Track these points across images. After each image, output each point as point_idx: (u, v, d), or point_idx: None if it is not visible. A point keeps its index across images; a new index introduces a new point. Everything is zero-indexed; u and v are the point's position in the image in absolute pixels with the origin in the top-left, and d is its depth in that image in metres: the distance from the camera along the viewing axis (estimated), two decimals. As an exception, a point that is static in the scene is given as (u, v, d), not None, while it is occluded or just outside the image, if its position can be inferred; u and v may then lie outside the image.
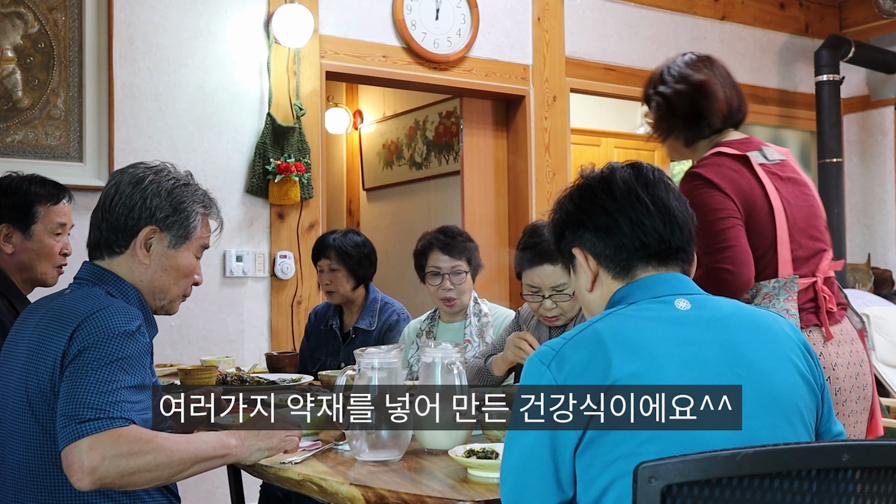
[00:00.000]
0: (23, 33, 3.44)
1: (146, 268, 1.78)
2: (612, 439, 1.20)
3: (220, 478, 3.41)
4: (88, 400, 1.53)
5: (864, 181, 6.00)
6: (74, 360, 1.57)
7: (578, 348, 1.25)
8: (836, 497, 1.11)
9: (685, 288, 1.35)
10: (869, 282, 5.75)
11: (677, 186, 1.46)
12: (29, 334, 1.69)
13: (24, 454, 1.63)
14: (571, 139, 4.97)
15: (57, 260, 2.43)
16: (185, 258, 1.82)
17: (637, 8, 5.12)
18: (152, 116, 3.68)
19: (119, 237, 1.76)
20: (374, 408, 1.71)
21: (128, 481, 1.53)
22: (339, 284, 3.24)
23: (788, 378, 1.28)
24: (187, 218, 1.79)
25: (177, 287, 1.83)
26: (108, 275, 1.77)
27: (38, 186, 2.42)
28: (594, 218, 1.40)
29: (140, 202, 1.75)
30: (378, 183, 6.37)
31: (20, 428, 1.64)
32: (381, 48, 4.25)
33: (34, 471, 1.61)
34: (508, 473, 1.29)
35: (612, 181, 1.40)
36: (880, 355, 4.09)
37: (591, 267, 1.41)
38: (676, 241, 1.37)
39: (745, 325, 1.30)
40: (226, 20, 3.85)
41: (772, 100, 5.72)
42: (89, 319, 1.61)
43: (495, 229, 4.77)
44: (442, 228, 2.97)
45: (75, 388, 1.54)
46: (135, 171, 1.80)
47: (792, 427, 1.26)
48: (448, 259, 2.89)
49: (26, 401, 1.63)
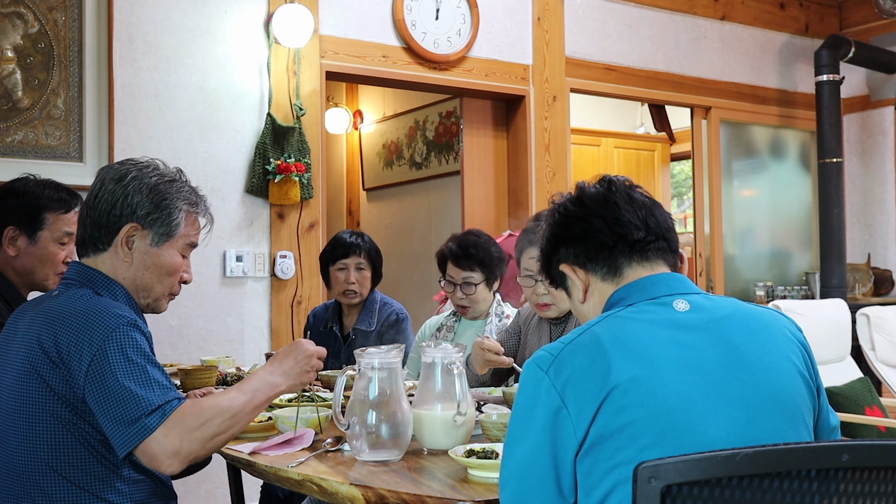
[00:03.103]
0: (23, 33, 3.44)
1: (128, 265, 1.75)
2: (612, 445, 1.18)
3: (220, 478, 3.41)
4: (138, 397, 1.55)
5: (864, 181, 6.00)
6: (94, 368, 1.57)
7: (577, 353, 1.24)
8: (836, 497, 1.11)
9: (683, 287, 1.35)
10: (869, 282, 5.75)
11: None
12: (20, 337, 1.68)
13: (18, 457, 1.62)
14: (571, 139, 4.97)
15: (59, 268, 2.41)
16: (169, 256, 1.78)
17: (637, 8, 5.12)
18: (152, 116, 3.68)
19: (102, 234, 1.74)
20: (374, 408, 1.71)
21: (210, 447, 1.60)
22: (365, 284, 3.26)
23: (789, 378, 1.27)
24: (170, 215, 1.76)
25: (160, 285, 1.79)
26: (95, 273, 1.75)
27: (50, 191, 2.39)
28: (570, 229, 1.42)
29: (122, 199, 1.73)
30: (378, 183, 6.37)
31: (15, 431, 1.63)
32: (381, 48, 4.25)
33: (30, 474, 1.61)
34: (508, 480, 1.27)
35: (583, 195, 1.43)
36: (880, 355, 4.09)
37: (580, 278, 1.42)
38: (654, 229, 1.38)
39: (745, 326, 1.29)
40: (226, 20, 3.85)
41: (772, 100, 5.72)
42: (83, 321, 1.61)
43: (495, 229, 4.76)
44: (461, 238, 2.99)
45: (115, 392, 1.55)
46: (119, 167, 1.78)
47: (794, 428, 1.25)
48: (459, 271, 2.93)
49: (20, 405, 1.62)
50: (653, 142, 7.27)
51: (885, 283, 5.79)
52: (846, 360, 4.04)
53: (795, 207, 5.93)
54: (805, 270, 5.90)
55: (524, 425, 1.26)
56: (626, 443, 1.17)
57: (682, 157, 7.45)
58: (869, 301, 5.47)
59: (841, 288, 5.33)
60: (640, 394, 1.18)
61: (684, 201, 7.96)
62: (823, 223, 5.42)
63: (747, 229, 5.72)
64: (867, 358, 4.11)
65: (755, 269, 5.73)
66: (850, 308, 4.11)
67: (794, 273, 5.91)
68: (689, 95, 5.34)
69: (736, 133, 5.65)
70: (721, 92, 5.46)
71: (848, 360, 4.05)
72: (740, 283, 5.63)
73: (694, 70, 5.35)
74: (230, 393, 1.66)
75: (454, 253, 2.95)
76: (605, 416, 1.18)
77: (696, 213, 5.49)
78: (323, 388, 2.63)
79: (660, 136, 7.27)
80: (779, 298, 5.38)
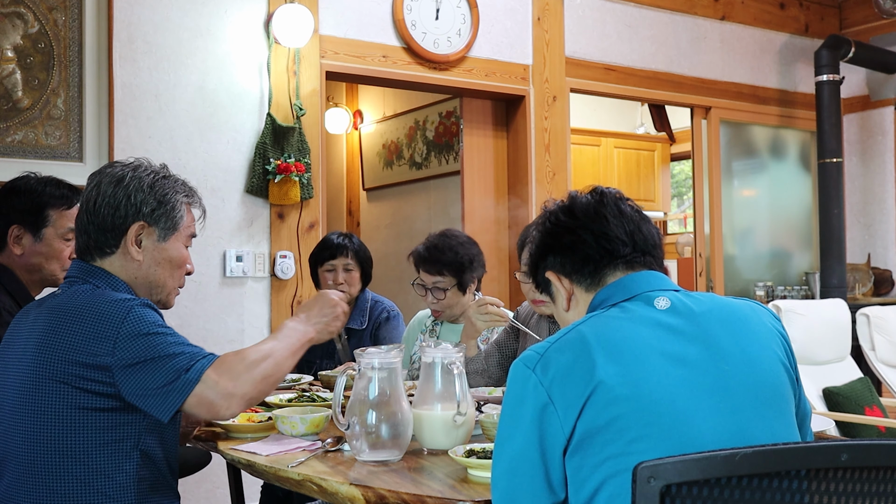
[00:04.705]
0: (23, 33, 3.44)
1: (139, 264, 1.79)
2: (600, 440, 1.20)
3: (220, 478, 3.41)
4: (171, 360, 1.61)
5: (864, 181, 6.00)
6: (119, 353, 1.60)
7: (563, 351, 1.27)
8: (835, 497, 1.11)
9: (663, 284, 1.38)
10: (869, 282, 5.75)
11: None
12: (26, 336, 1.70)
13: (26, 447, 1.64)
14: (571, 139, 4.97)
15: (66, 263, 2.42)
16: (176, 249, 1.83)
17: (637, 8, 5.12)
18: (152, 116, 3.68)
19: (108, 237, 1.77)
20: (374, 408, 1.72)
21: (261, 388, 1.67)
22: (354, 284, 3.26)
23: (771, 368, 1.30)
24: (173, 209, 1.81)
25: (172, 279, 1.84)
26: (98, 271, 1.77)
27: (52, 188, 2.40)
28: (559, 239, 1.44)
29: (124, 199, 1.76)
30: (378, 183, 6.37)
31: (23, 422, 1.65)
32: (381, 48, 4.25)
33: (36, 464, 1.62)
34: (499, 478, 1.29)
35: (574, 205, 1.45)
36: (880, 355, 4.09)
37: (564, 286, 1.45)
38: (641, 246, 1.41)
39: (725, 319, 1.32)
40: (226, 20, 3.85)
41: (772, 100, 5.72)
42: (96, 313, 1.63)
43: (495, 229, 4.77)
44: (431, 240, 2.89)
45: (148, 366, 1.60)
46: (112, 170, 1.81)
47: (779, 417, 1.28)
48: (427, 275, 2.85)
49: (28, 403, 1.64)
50: (653, 142, 7.27)
51: (885, 283, 5.79)
52: (846, 360, 4.04)
53: (795, 207, 5.93)
54: (805, 270, 5.90)
55: (513, 423, 1.28)
56: (614, 437, 1.20)
57: (682, 157, 7.45)
58: (869, 301, 5.47)
59: (841, 288, 5.33)
60: (626, 388, 1.21)
61: (684, 201, 7.96)
62: (823, 223, 5.42)
63: (747, 229, 5.72)
64: (867, 358, 4.11)
65: (755, 269, 5.73)
66: (850, 308, 4.11)
67: (794, 273, 5.91)
68: (689, 95, 5.34)
69: (736, 133, 5.65)
70: (721, 92, 5.46)
71: (848, 360, 4.06)
72: (740, 283, 5.63)
73: (694, 70, 5.35)
74: (266, 341, 1.74)
75: (421, 256, 2.85)
76: (592, 412, 1.21)
77: (696, 213, 5.49)
78: (323, 388, 2.64)
79: (660, 136, 7.28)
80: (779, 298, 5.38)
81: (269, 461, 1.75)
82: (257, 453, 1.81)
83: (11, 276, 2.35)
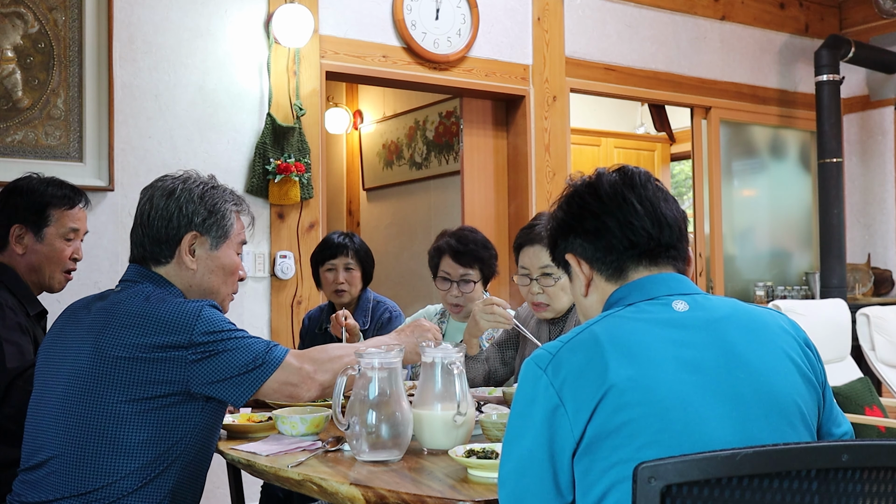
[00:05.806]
0: (23, 33, 3.44)
1: (193, 273, 1.84)
2: (610, 444, 1.18)
3: (220, 478, 3.40)
4: (252, 348, 1.72)
5: (864, 181, 6.00)
6: (196, 353, 1.66)
7: (575, 351, 1.24)
8: (836, 497, 1.11)
9: (682, 288, 1.34)
10: (869, 282, 5.75)
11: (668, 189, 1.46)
12: (84, 330, 1.73)
13: (70, 438, 1.67)
14: (571, 139, 4.97)
15: (66, 265, 2.42)
16: (228, 256, 1.90)
17: (637, 8, 5.12)
18: (152, 116, 3.68)
19: (163, 249, 1.83)
20: (374, 408, 1.72)
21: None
22: (355, 283, 3.26)
23: (788, 377, 1.27)
24: (223, 217, 1.87)
25: (226, 286, 1.91)
26: (155, 276, 1.83)
27: (54, 188, 2.41)
28: (583, 222, 1.40)
29: (176, 211, 1.82)
30: (378, 183, 6.37)
31: (71, 414, 1.68)
32: (381, 48, 4.25)
33: (84, 453, 1.66)
34: (507, 478, 1.28)
35: (599, 185, 1.41)
36: (880, 355, 4.09)
37: (584, 272, 1.42)
38: (666, 238, 1.37)
39: (743, 325, 1.29)
40: (226, 20, 3.85)
41: (772, 100, 5.72)
42: (165, 316, 1.68)
43: (495, 229, 4.77)
44: (459, 232, 2.91)
45: (224, 360, 1.68)
46: (163, 183, 1.87)
47: (793, 428, 1.24)
48: (458, 267, 2.86)
49: (84, 389, 1.67)
50: (653, 142, 7.27)
51: (885, 283, 5.79)
52: (846, 360, 4.05)
53: (795, 207, 5.93)
54: (805, 270, 5.90)
55: (522, 423, 1.26)
56: (624, 441, 1.17)
57: (682, 157, 7.45)
58: (869, 301, 5.47)
59: (841, 288, 5.33)
60: (638, 393, 1.18)
61: (684, 201, 7.96)
62: (823, 223, 5.42)
63: (747, 229, 5.72)
64: (867, 358, 4.11)
65: (755, 269, 5.73)
66: (850, 308, 4.12)
67: (794, 273, 5.91)
68: (689, 95, 5.34)
69: (736, 133, 5.65)
70: (721, 92, 5.46)
71: (848, 360, 4.06)
72: (740, 283, 5.63)
73: (694, 70, 5.35)
74: (349, 344, 1.91)
75: (454, 248, 2.85)
76: (603, 415, 1.18)
77: (696, 213, 5.49)
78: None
79: (660, 136, 7.28)
80: (779, 298, 5.38)
81: (269, 461, 1.75)
82: (257, 453, 1.81)
83: (13, 275, 2.35)
